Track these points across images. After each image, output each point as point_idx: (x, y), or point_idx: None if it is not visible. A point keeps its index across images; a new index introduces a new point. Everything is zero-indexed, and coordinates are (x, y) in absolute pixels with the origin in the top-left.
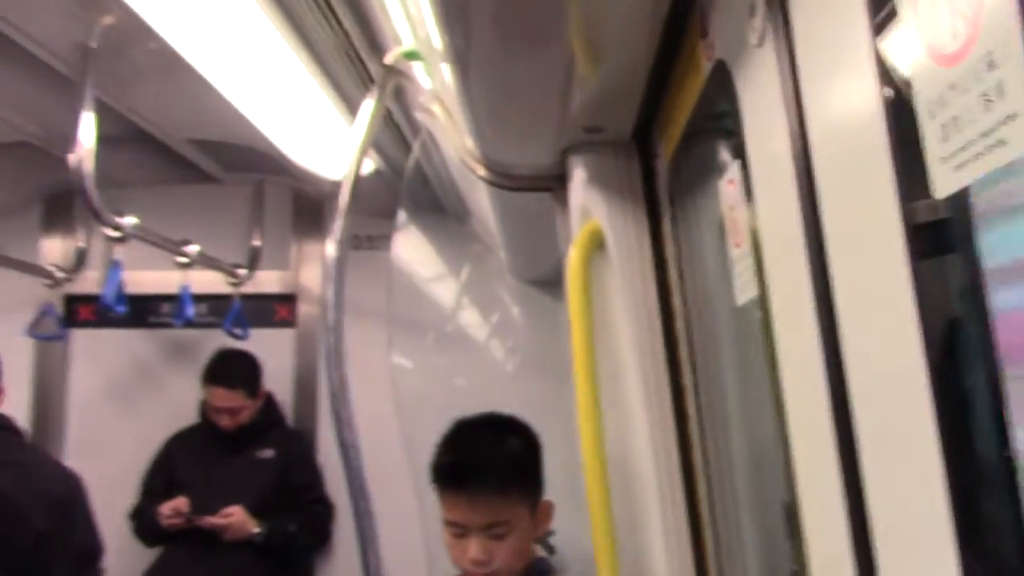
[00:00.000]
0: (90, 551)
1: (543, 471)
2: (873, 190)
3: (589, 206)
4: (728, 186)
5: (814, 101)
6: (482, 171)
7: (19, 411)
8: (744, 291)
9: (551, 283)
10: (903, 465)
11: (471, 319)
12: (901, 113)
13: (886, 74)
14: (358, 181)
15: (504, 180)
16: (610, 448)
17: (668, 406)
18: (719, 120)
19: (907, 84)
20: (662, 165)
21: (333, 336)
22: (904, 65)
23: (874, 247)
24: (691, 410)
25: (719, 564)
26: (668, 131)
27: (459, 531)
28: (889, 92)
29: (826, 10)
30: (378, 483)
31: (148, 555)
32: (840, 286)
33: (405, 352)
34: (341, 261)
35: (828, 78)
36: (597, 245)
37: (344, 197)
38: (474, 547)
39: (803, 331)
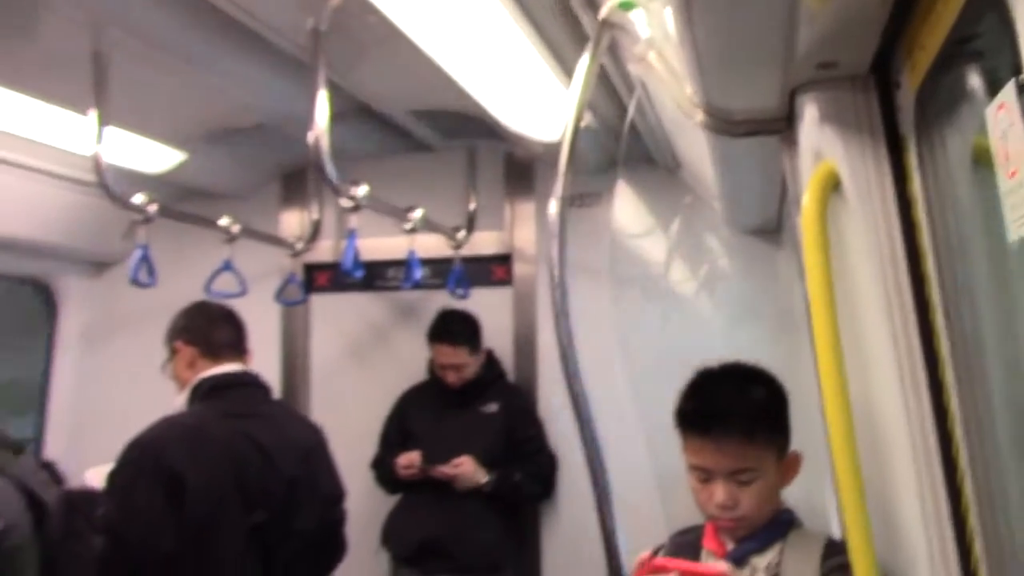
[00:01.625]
0: (334, 495)
1: (789, 421)
2: None
3: (822, 147)
4: (998, 111)
5: None
6: (702, 118)
7: (272, 370)
8: (1021, 225)
9: (770, 231)
10: None
11: (683, 271)
12: None
13: None
14: (576, 139)
15: (726, 126)
16: (852, 401)
17: (918, 354)
18: (979, 41)
19: None
20: (906, 97)
21: (559, 292)
22: None
23: None
24: (945, 356)
25: (982, 521)
26: (913, 59)
27: (704, 476)
28: None
29: None
30: (605, 434)
31: (389, 500)
32: None
33: (619, 306)
34: (563, 218)
35: None
36: (832, 187)
37: (564, 156)
38: (720, 492)
39: None
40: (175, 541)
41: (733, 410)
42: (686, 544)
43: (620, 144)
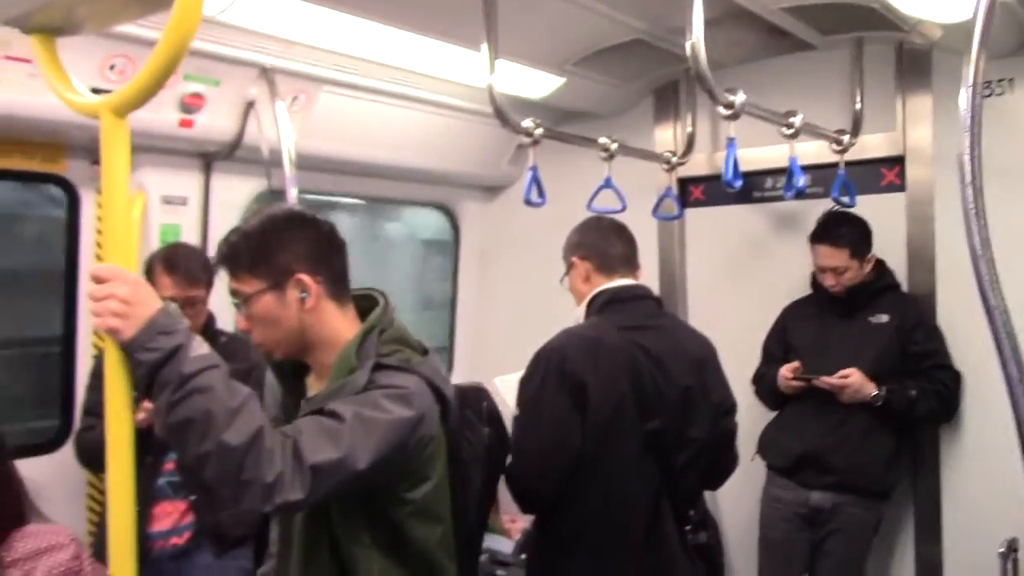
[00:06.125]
0: (725, 405)
1: None
2: None
3: None
4: None
5: None
6: None
7: (650, 285)
8: None
9: None
10: None
11: None
12: None
13: None
14: (992, 14)
15: None
16: None
17: None
18: None
19: None
20: None
21: (971, 191)
22: None
23: None
24: None
25: None
26: None
27: None
28: None
29: None
30: None
31: (769, 415)
32: None
33: None
34: (976, 108)
35: None
36: None
37: (976, 36)
38: None
39: None
40: (582, 440)
41: None
42: None
43: None
